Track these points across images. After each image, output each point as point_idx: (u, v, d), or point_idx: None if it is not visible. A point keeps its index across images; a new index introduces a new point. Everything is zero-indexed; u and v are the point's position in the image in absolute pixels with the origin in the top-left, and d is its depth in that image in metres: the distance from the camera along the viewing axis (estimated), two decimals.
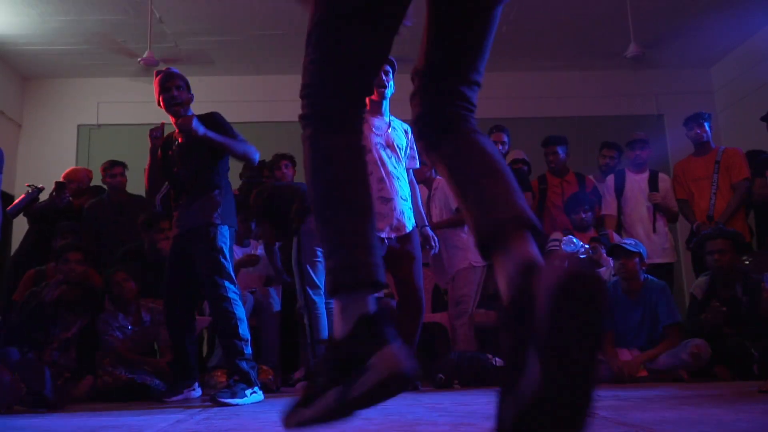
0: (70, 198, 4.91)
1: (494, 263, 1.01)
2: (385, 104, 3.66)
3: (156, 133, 3.45)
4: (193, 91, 3.38)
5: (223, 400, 2.84)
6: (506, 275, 0.96)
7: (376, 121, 3.56)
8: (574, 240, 4.29)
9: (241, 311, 3.16)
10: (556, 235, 4.73)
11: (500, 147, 4.94)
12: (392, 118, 3.72)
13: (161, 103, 3.35)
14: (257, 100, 6.82)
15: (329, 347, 1.16)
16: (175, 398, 3.23)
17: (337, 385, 1.06)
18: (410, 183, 3.75)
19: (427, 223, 3.84)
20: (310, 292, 3.67)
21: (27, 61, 6.64)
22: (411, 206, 3.63)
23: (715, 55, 7.06)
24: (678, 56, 6.96)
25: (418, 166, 3.83)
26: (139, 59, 5.81)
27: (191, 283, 3.32)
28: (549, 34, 6.45)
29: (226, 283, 3.16)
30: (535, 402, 0.82)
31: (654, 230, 4.83)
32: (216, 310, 3.18)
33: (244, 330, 3.13)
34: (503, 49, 6.71)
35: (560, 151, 5.13)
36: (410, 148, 3.74)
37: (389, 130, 3.64)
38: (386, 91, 3.63)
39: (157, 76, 3.40)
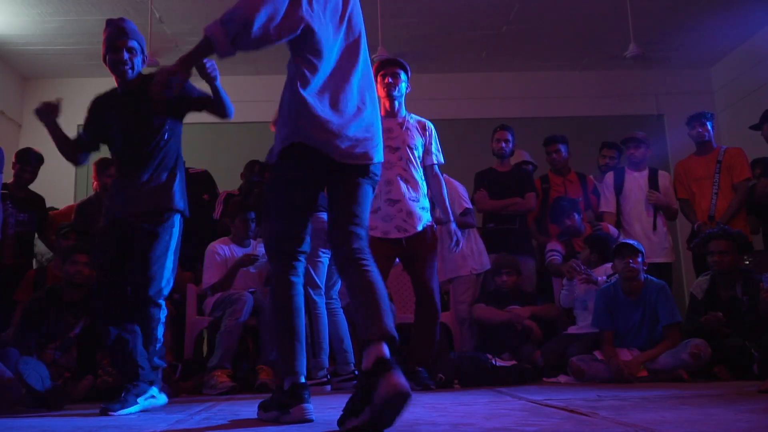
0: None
1: (366, 353, 1.75)
2: (397, 104, 3.67)
3: (42, 110, 2.82)
4: None
5: (114, 413, 2.55)
6: (369, 360, 1.73)
7: (388, 125, 3.51)
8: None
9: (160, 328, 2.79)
10: (553, 245, 4.73)
11: (504, 145, 4.93)
12: (410, 115, 3.71)
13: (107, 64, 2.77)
14: (257, 100, 6.79)
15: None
16: (122, 412, 2.56)
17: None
18: (434, 177, 3.72)
19: (452, 219, 3.78)
20: (311, 291, 3.67)
21: (27, 61, 6.64)
22: (423, 206, 3.60)
23: (715, 55, 7.06)
24: (678, 56, 6.97)
25: (441, 161, 3.77)
26: None
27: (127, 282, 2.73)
28: (549, 34, 6.45)
29: (163, 293, 2.74)
30: (370, 421, 1.68)
31: (654, 228, 4.82)
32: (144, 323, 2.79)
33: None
34: (503, 49, 6.72)
35: (563, 149, 5.14)
36: (431, 144, 3.71)
37: (402, 130, 3.63)
38: (395, 94, 3.63)
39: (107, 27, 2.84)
